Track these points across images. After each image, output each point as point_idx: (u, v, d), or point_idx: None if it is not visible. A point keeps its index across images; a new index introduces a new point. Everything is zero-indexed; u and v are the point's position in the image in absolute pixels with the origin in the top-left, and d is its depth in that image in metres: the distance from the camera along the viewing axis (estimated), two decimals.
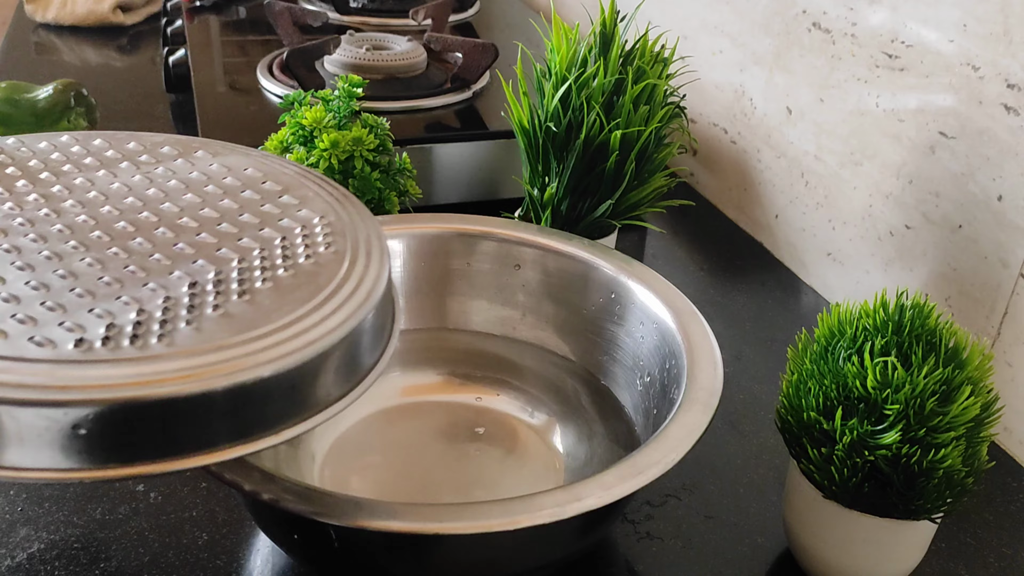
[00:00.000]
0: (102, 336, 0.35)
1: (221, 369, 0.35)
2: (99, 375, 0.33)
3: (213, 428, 0.35)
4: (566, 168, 0.65)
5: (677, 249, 0.86)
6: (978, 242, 0.63)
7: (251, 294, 0.39)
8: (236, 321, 0.37)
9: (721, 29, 0.91)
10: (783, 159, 0.83)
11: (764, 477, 0.59)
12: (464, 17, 1.24)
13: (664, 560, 0.52)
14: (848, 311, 0.49)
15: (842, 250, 0.77)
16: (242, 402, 0.35)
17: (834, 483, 0.46)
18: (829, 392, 0.47)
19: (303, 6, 1.15)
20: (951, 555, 0.54)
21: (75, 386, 0.33)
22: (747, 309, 0.77)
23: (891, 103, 0.70)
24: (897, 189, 0.70)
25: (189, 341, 0.35)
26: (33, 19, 1.30)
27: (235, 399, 0.35)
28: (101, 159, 0.48)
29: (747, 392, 0.67)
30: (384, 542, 0.42)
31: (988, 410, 0.46)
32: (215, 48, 1.06)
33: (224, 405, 0.35)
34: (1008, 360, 0.62)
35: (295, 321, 0.38)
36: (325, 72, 0.94)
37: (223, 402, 0.35)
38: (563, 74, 0.65)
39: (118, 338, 0.35)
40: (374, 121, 0.70)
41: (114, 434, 0.33)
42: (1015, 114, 0.60)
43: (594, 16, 0.67)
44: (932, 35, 0.66)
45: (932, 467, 0.44)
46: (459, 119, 0.89)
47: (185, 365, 0.34)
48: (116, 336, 0.35)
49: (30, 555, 0.49)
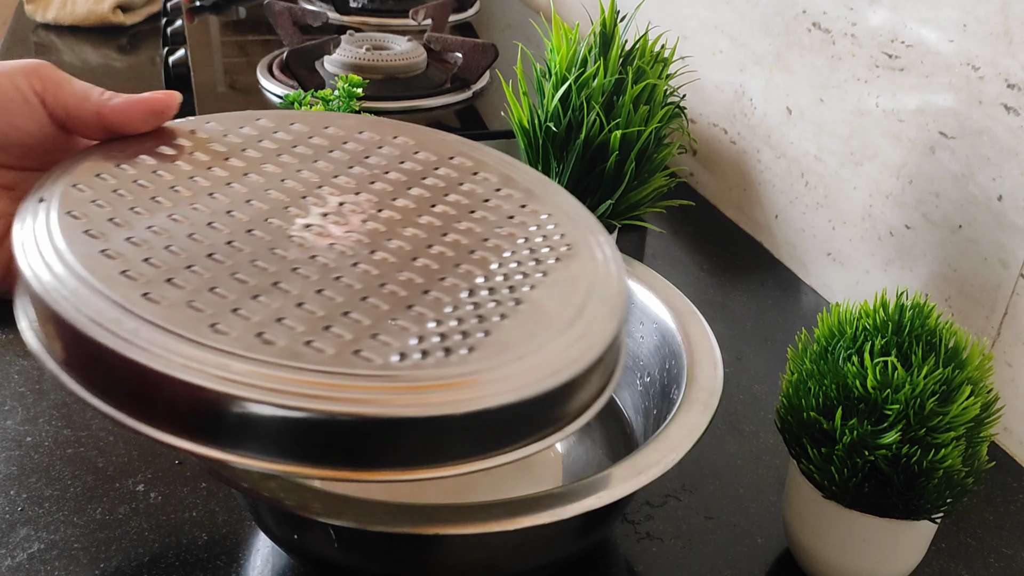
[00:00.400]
0: (411, 350, 0.35)
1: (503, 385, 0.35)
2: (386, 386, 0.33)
3: (485, 440, 0.35)
4: (566, 168, 0.65)
5: (677, 249, 0.86)
6: (978, 242, 0.63)
7: (522, 300, 0.38)
8: (516, 330, 0.37)
9: (721, 29, 0.91)
10: (783, 159, 0.83)
11: (764, 477, 0.59)
12: (464, 17, 1.24)
13: (664, 560, 0.52)
14: (848, 311, 0.49)
15: (842, 250, 0.77)
16: (516, 414, 0.35)
17: (834, 483, 0.46)
18: (829, 392, 0.47)
19: (303, 6, 1.15)
20: (951, 555, 0.54)
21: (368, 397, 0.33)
22: (747, 309, 0.77)
23: (891, 103, 0.70)
24: (897, 189, 0.70)
25: (474, 359, 0.35)
26: (33, 19, 1.30)
27: (510, 412, 0.35)
28: (312, 147, 0.46)
29: (747, 392, 0.67)
30: (384, 542, 0.42)
31: (988, 410, 0.46)
32: (215, 48, 1.06)
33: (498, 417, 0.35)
34: (1008, 360, 0.62)
35: (573, 322, 0.38)
36: (325, 72, 0.94)
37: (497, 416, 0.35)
38: (563, 74, 0.65)
39: (409, 355, 0.34)
40: None
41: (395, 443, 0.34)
42: (1015, 114, 0.60)
43: (594, 16, 0.67)
44: (932, 35, 0.66)
45: (932, 467, 0.44)
46: (459, 119, 0.89)
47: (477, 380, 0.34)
48: (408, 352, 0.35)
49: (30, 555, 0.49)
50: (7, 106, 0.42)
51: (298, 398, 0.32)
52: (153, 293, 0.35)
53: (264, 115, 0.47)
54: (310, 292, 0.36)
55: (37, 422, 0.58)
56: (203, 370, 0.32)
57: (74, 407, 0.60)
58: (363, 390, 0.32)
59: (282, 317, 0.34)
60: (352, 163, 0.44)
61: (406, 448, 0.33)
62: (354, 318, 0.35)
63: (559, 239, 0.43)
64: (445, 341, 0.35)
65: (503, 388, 0.34)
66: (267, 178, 0.42)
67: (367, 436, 0.33)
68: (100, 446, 0.57)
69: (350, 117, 0.48)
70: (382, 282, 0.37)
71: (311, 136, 0.46)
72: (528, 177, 0.46)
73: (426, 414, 0.33)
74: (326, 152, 0.45)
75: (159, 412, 0.33)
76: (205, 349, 0.32)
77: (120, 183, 0.41)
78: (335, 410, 0.32)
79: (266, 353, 0.33)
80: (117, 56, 1.22)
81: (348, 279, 0.37)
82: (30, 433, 0.58)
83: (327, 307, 0.36)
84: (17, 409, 0.59)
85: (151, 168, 0.42)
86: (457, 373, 0.34)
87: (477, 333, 0.36)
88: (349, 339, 0.34)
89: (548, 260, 0.41)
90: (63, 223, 0.38)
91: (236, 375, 0.32)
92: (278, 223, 0.40)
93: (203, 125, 0.46)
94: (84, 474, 0.55)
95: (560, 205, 0.45)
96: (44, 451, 0.56)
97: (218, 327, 0.33)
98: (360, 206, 0.42)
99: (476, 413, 0.33)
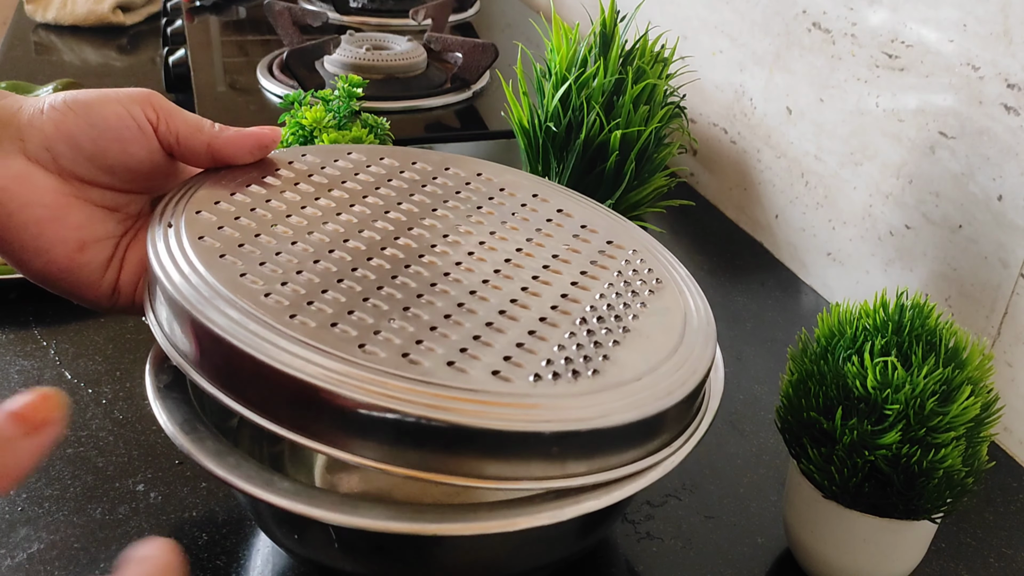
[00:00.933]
0: (544, 372, 0.39)
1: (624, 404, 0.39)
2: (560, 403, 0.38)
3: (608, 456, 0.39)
4: (566, 168, 0.65)
5: (677, 249, 0.86)
6: (978, 242, 0.63)
7: (626, 329, 0.43)
8: (631, 356, 0.41)
9: (721, 29, 0.91)
10: (783, 159, 0.83)
11: (764, 477, 0.59)
12: (464, 17, 1.24)
13: (664, 560, 0.52)
14: (848, 311, 0.49)
15: (842, 250, 0.77)
16: (636, 431, 0.39)
17: (834, 483, 0.46)
18: (829, 392, 0.47)
19: (303, 6, 1.15)
20: (951, 555, 0.54)
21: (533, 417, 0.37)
22: (747, 309, 0.77)
23: (891, 103, 0.70)
24: (897, 189, 0.70)
25: (599, 381, 0.39)
26: (33, 19, 1.30)
27: (632, 430, 0.39)
28: (407, 181, 0.50)
29: (747, 392, 0.67)
30: (384, 542, 0.42)
31: (988, 410, 0.46)
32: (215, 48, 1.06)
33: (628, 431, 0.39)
34: (1008, 360, 0.62)
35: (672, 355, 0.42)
36: (325, 72, 0.94)
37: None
38: (563, 74, 0.65)
39: (543, 376, 0.38)
40: (374, 121, 0.70)
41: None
42: (1015, 114, 0.60)
43: (594, 16, 0.67)
44: (932, 35, 0.66)
45: (932, 467, 0.44)
46: (459, 119, 0.89)
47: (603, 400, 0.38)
48: (541, 374, 0.38)
49: (30, 555, 0.49)
50: (123, 133, 0.44)
51: (450, 413, 0.35)
52: (299, 315, 0.38)
53: (355, 149, 0.52)
54: (439, 317, 0.40)
55: None
56: (363, 387, 0.35)
57: (74, 407, 0.60)
58: (506, 407, 0.36)
59: (421, 339, 0.38)
60: (446, 197, 0.49)
61: (537, 459, 0.37)
62: (484, 341, 0.39)
63: (648, 273, 0.47)
64: (571, 365, 0.39)
65: (627, 406, 0.38)
66: (372, 209, 0.47)
67: (501, 449, 0.37)
68: (100, 446, 0.57)
69: (432, 154, 0.53)
70: (500, 309, 0.41)
71: (402, 171, 0.50)
72: (606, 215, 0.51)
73: (554, 429, 0.36)
74: (419, 186, 0.49)
75: (319, 425, 0.36)
76: (359, 367, 0.36)
77: (239, 210, 0.45)
78: (486, 426, 0.36)
79: (414, 372, 0.36)
80: (117, 56, 1.22)
81: (469, 305, 0.41)
82: None
83: (458, 331, 0.39)
84: None
85: (263, 197, 0.46)
86: (583, 392, 0.38)
87: (597, 357, 0.40)
88: (488, 360, 0.38)
89: (644, 292, 0.46)
90: (196, 248, 0.41)
91: (393, 391, 0.35)
92: (392, 252, 0.44)
93: (300, 157, 0.50)
94: (84, 474, 0.55)
95: (640, 241, 0.50)
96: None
97: (366, 348, 0.37)
98: (462, 239, 0.46)
99: (602, 431, 0.38)
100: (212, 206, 0.44)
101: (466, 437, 0.36)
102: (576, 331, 0.41)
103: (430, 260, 0.44)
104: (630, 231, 0.50)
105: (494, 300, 0.42)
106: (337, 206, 0.46)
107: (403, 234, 0.45)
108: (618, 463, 0.39)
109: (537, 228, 0.48)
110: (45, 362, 0.64)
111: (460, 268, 0.43)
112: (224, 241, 0.42)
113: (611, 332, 0.42)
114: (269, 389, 0.36)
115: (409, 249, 0.44)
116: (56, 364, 0.64)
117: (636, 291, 0.45)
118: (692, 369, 0.41)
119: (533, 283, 0.43)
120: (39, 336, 0.67)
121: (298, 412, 0.36)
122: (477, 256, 0.44)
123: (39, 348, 0.66)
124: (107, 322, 0.69)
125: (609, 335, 0.42)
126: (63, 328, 0.68)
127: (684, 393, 0.40)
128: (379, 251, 0.43)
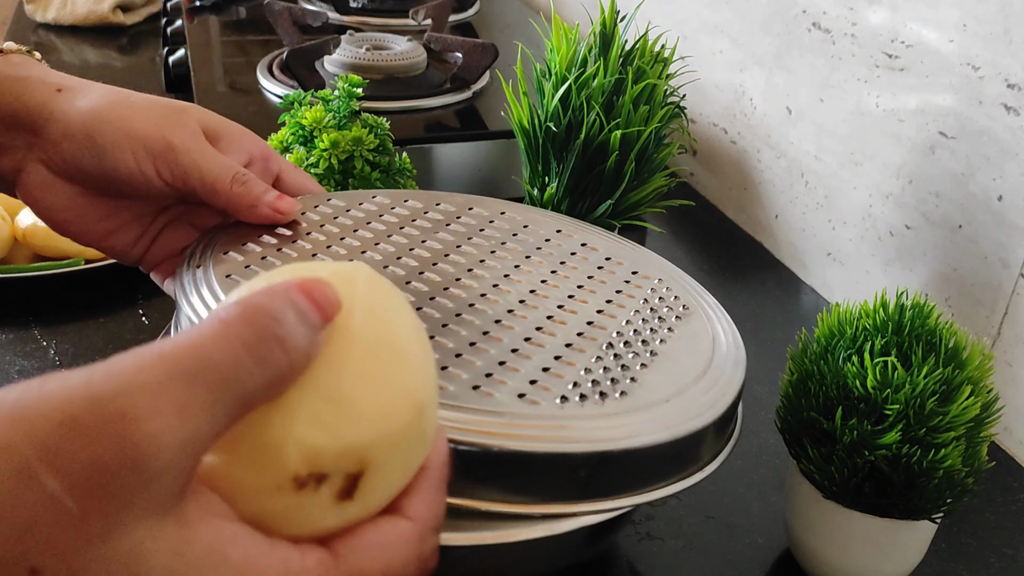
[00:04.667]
0: (571, 394, 0.39)
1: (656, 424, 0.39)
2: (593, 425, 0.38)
3: (641, 476, 0.39)
4: (566, 168, 0.65)
5: (677, 249, 0.86)
6: (978, 242, 0.63)
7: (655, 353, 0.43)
8: (660, 376, 0.41)
9: (721, 29, 0.91)
10: (783, 159, 0.83)
11: (764, 477, 0.59)
12: (464, 17, 1.24)
13: (664, 560, 0.52)
14: (848, 311, 0.49)
15: (842, 250, 0.77)
16: (667, 452, 0.39)
17: (834, 483, 0.46)
18: (829, 392, 0.47)
19: (303, 6, 1.15)
20: (951, 555, 0.54)
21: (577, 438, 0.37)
22: (747, 309, 0.77)
23: (891, 103, 0.70)
24: (897, 189, 0.70)
25: (627, 403, 0.39)
26: (33, 19, 1.30)
27: (663, 451, 0.39)
28: (430, 220, 0.51)
29: (747, 392, 0.66)
30: None
31: (988, 410, 0.46)
32: (215, 48, 1.06)
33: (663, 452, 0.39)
34: (1008, 360, 0.62)
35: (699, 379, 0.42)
36: (325, 72, 0.94)
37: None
38: (563, 74, 0.65)
39: (570, 398, 0.38)
40: (374, 121, 0.70)
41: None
42: (1015, 114, 0.60)
43: (594, 16, 0.67)
44: (932, 35, 0.66)
45: (932, 467, 0.44)
46: (459, 119, 0.89)
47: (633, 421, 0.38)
48: (568, 396, 0.38)
49: None
50: (133, 182, 0.45)
51: (476, 435, 0.35)
52: None
53: (380, 193, 0.53)
54: (465, 345, 0.40)
55: None
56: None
57: None
58: (533, 428, 0.36)
59: (445, 366, 0.38)
60: (470, 235, 0.50)
61: (565, 482, 0.37)
62: (510, 366, 0.39)
63: (675, 300, 0.48)
64: (598, 387, 0.39)
65: (656, 427, 0.38)
66: (397, 247, 0.47)
67: (520, 471, 0.36)
68: None
69: (457, 196, 0.54)
70: (526, 336, 0.41)
71: (426, 211, 0.51)
72: (631, 248, 0.52)
73: (583, 450, 0.36)
74: (443, 226, 0.50)
75: None
76: None
77: (265, 250, 0.46)
78: (513, 448, 0.35)
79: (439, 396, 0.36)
80: (117, 56, 1.22)
81: (495, 332, 0.41)
82: None
83: (484, 358, 0.39)
84: None
85: (290, 238, 0.47)
86: (610, 413, 0.38)
87: (625, 380, 0.40)
88: (514, 384, 0.38)
89: (670, 318, 0.46)
90: (224, 285, 0.42)
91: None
92: (416, 285, 0.44)
93: (325, 201, 0.51)
94: None
95: (664, 269, 0.51)
96: None
97: None
98: (487, 272, 0.46)
99: (633, 451, 0.37)
100: (240, 247, 0.46)
101: (492, 459, 0.35)
102: (603, 355, 0.41)
103: (455, 292, 0.44)
104: (655, 262, 0.51)
105: (519, 328, 0.42)
106: (362, 245, 0.47)
107: (427, 269, 0.46)
108: (650, 488, 0.39)
109: (561, 261, 0.49)
110: (45, 362, 0.64)
111: (485, 299, 0.44)
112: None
113: (638, 356, 0.42)
114: None
115: (433, 283, 0.45)
116: (56, 364, 0.64)
117: (663, 317, 0.46)
118: (722, 391, 0.42)
119: (559, 312, 0.44)
120: (39, 336, 0.67)
121: None
122: (502, 287, 0.45)
123: (39, 348, 0.66)
124: (107, 322, 0.69)
125: (636, 359, 0.42)
126: (63, 328, 0.68)
127: (715, 415, 0.40)
128: (404, 285, 0.44)
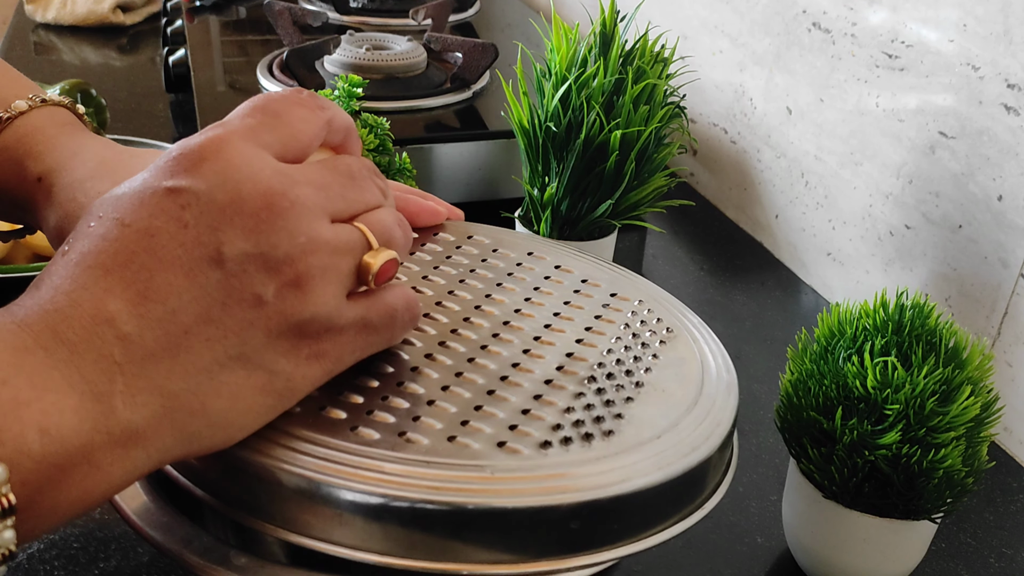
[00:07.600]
0: (554, 439, 0.36)
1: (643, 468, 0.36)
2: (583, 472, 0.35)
3: (635, 523, 0.36)
4: (566, 168, 0.65)
5: (677, 249, 0.86)
6: (978, 242, 0.63)
7: (642, 385, 0.40)
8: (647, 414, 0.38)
9: (721, 29, 0.91)
10: (783, 159, 0.83)
11: (764, 477, 0.59)
12: (464, 17, 1.24)
13: (664, 560, 0.52)
14: (848, 311, 0.49)
15: (842, 250, 0.77)
16: (661, 493, 0.36)
17: (834, 483, 0.46)
18: (829, 392, 0.47)
19: (303, 6, 1.15)
20: (951, 555, 0.54)
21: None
22: (747, 309, 0.77)
23: (891, 103, 0.70)
24: (897, 189, 0.70)
25: (614, 442, 0.36)
26: (33, 19, 1.30)
27: (657, 492, 0.36)
28: (430, 252, 0.48)
29: (747, 392, 0.67)
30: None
31: (988, 410, 0.46)
32: (215, 48, 1.06)
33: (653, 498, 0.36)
34: (1008, 360, 0.62)
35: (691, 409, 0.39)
36: (325, 72, 0.94)
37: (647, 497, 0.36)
38: (563, 74, 0.65)
39: (553, 443, 0.36)
40: (374, 121, 0.70)
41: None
42: (1015, 114, 0.60)
43: (594, 16, 0.67)
44: (932, 35, 0.66)
45: (932, 467, 0.44)
46: (459, 119, 0.89)
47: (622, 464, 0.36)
48: (552, 440, 0.36)
49: (30, 555, 0.49)
50: None
51: (450, 494, 0.32)
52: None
53: None
54: (436, 390, 0.37)
55: None
56: (356, 473, 0.33)
57: None
58: (514, 480, 0.33)
59: (417, 416, 0.36)
60: (436, 263, 0.46)
61: (556, 536, 0.34)
62: (487, 411, 0.36)
63: (658, 323, 0.44)
64: (582, 427, 0.36)
65: (649, 468, 0.35)
66: None
67: (505, 529, 0.33)
68: None
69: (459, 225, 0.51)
70: (502, 375, 0.38)
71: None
72: (607, 268, 0.49)
73: (571, 501, 0.33)
74: (444, 257, 0.47)
75: (306, 517, 0.33)
76: (351, 453, 0.34)
77: None
78: (493, 505, 0.33)
79: (412, 452, 0.34)
80: (117, 56, 1.22)
81: (468, 373, 0.38)
82: None
83: (458, 403, 0.37)
84: None
85: None
86: (598, 456, 0.35)
87: (611, 418, 0.37)
88: (491, 432, 0.35)
89: (654, 343, 0.43)
90: None
91: (390, 475, 0.33)
92: None
93: None
94: None
95: (643, 290, 0.47)
96: None
97: (358, 431, 0.35)
98: (457, 305, 0.43)
99: (626, 496, 0.34)
100: None
101: (475, 518, 0.33)
102: (585, 391, 0.38)
103: (423, 331, 0.40)
104: (634, 282, 0.48)
105: (494, 366, 0.39)
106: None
107: (429, 307, 0.43)
108: (647, 533, 0.36)
109: (535, 287, 0.45)
110: None
111: (456, 335, 0.40)
112: None
113: (623, 388, 0.39)
114: (258, 483, 0.34)
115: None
116: None
117: (646, 343, 0.42)
118: (716, 421, 0.39)
119: (535, 345, 0.40)
120: None
121: (288, 507, 0.33)
122: (474, 321, 0.42)
123: None
124: None
125: (621, 391, 0.39)
126: None
127: (711, 448, 0.37)
128: None
